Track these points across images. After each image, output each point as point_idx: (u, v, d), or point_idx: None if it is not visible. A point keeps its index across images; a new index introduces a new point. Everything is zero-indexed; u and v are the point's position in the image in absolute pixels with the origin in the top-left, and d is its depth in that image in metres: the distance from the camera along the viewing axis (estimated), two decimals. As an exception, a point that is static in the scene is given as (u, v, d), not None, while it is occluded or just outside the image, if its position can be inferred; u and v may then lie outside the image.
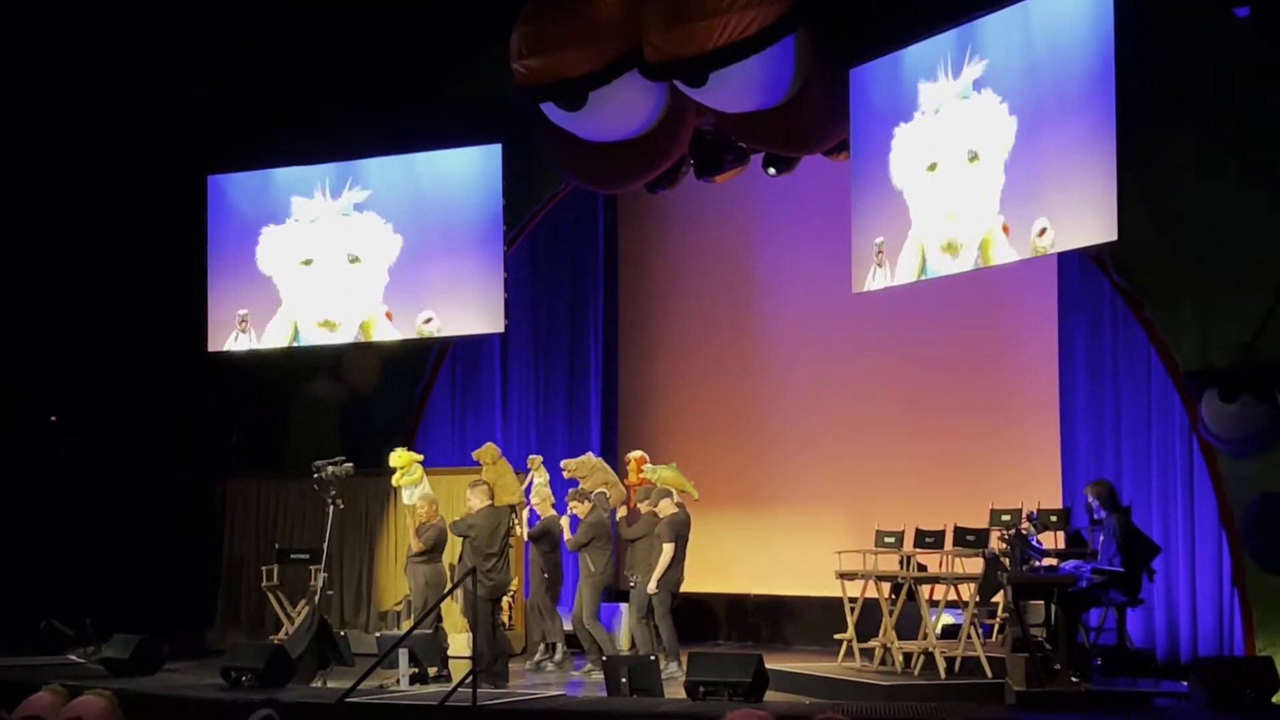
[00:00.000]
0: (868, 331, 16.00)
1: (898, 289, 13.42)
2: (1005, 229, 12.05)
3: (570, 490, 14.28)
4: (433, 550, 13.96)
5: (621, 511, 14.29)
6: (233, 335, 16.39)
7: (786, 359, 16.87)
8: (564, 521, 14.27)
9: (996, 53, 12.26)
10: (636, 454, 14.66)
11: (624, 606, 14.84)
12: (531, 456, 15.04)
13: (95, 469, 16.92)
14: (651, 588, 13.44)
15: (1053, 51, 11.75)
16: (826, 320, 16.33)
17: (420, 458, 14.81)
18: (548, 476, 14.79)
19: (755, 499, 16.82)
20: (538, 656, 14.38)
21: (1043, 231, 11.74)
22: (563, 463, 14.64)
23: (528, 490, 14.75)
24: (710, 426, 17.15)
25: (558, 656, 14.30)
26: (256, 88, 16.09)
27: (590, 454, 14.86)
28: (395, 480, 14.64)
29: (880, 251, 13.23)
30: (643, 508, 14.00)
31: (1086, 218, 11.41)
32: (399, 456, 14.62)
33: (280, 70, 15.97)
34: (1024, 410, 15.09)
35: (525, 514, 14.72)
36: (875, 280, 13.39)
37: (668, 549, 13.47)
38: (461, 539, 13.42)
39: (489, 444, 14.71)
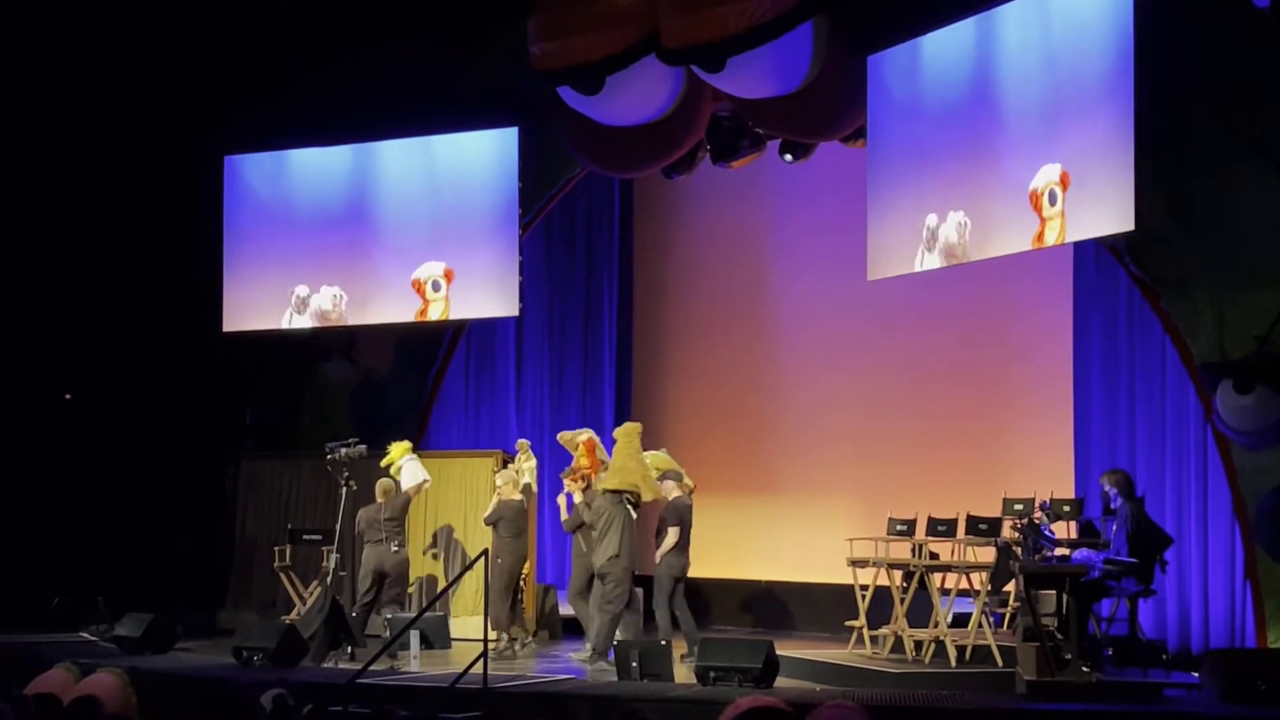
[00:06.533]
0: (882, 319, 15.97)
1: (915, 275, 13.40)
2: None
3: (566, 469, 14.25)
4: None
5: (579, 495, 14.08)
6: (288, 314, 16.33)
7: (801, 345, 16.85)
8: (560, 501, 14.29)
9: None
10: (585, 435, 14.45)
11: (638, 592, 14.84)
12: (520, 440, 15.01)
13: (109, 447, 16.96)
14: (656, 559, 13.60)
15: (1071, 40, 11.72)
16: (841, 307, 16.30)
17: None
18: (535, 462, 14.75)
19: (768, 485, 16.81)
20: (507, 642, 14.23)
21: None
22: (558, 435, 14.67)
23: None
24: (723, 412, 17.14)
25: (520, 643, 14.25)
26: (273, 69, 16.09)
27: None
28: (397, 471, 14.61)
29: (933, 234, 12.98)
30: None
31: (1103, 207, 11.39)
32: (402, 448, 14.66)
33: (297, 51, 15.98)
34: (1038, 399, 15.05)
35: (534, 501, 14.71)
36: (924, 262, 13.15)
37: (673, 532, 13.48)
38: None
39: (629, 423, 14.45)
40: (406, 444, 14.89)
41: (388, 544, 14.05)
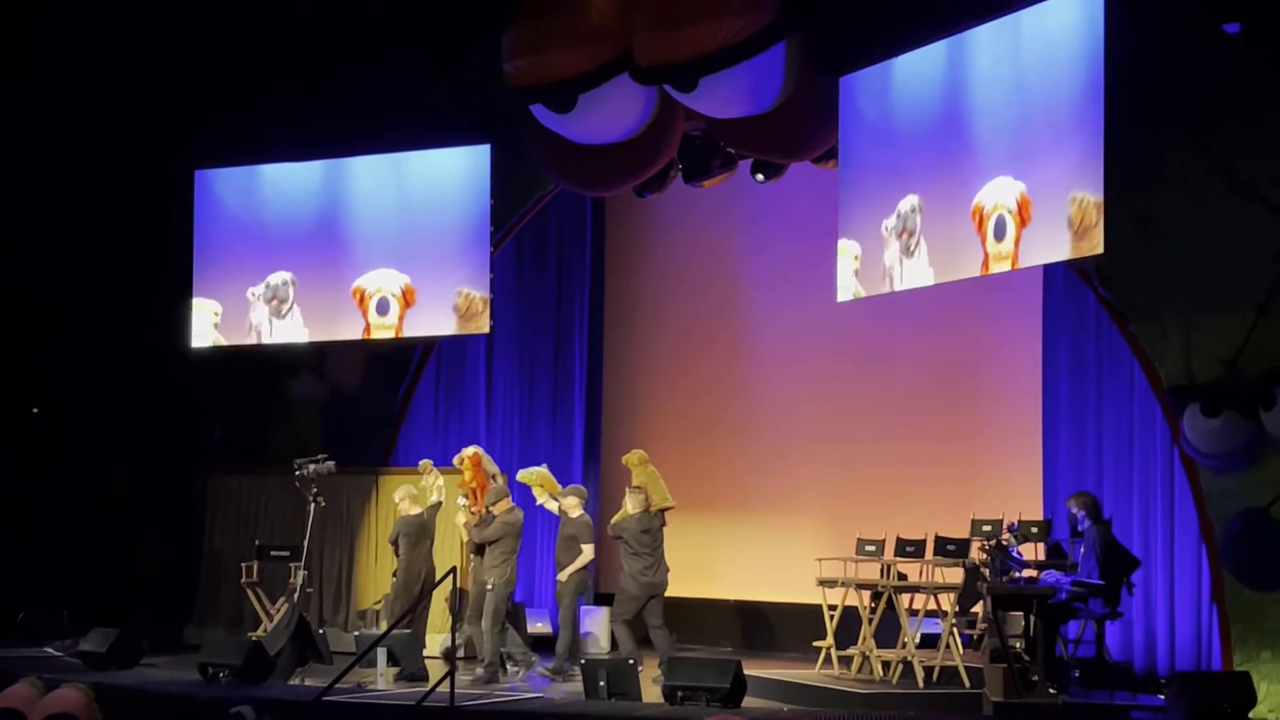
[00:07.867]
0: (853, 339, 16.00)
1: (885, 296, 13.42)
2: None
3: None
4: None
5: (463, 516, 14.09)
6: (266, 317, 16.20)
7: (771, 365, 16.86)
8: (458, 520, 14.32)
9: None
10: (470, 451, 14.38)
11: (605, 610, 14.81)
12: (424, 461, 14.97)
13: (76, 462, 16.87)
14: (564, 576, 13.64)
15: (1042, 63, 11.76)
16: (812, 328, 16.31)
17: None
18: (442, 480, 14.68)
19: (737, 505, 16.81)
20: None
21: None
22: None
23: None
24: (694, 431, 17.14)
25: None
26: (245, 84, 16.06)
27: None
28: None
29: (910, 233, 12.83)
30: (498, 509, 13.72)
31: (1073, 229, 11.42)
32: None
33: (268, 67, 15.95)
34: (1006, 421, 15.08)
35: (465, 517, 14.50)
36: (904, 279, 12.99)
37: (588, 549, 13.56)
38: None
39: (636, 450, 14.49)
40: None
41: None
